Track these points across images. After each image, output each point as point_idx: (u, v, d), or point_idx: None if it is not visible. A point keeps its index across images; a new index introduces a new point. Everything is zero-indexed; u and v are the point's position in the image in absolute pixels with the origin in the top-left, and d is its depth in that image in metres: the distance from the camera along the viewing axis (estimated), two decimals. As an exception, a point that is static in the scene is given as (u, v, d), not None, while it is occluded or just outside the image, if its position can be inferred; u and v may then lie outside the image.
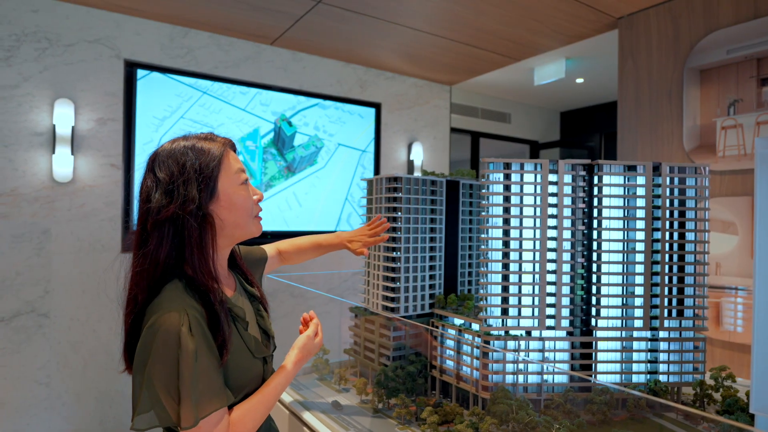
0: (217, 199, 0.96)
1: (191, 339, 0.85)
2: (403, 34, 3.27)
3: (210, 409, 0.85)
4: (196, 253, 0.92)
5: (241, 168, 1.02)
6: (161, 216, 0.90)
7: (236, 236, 1.02)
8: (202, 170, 0.94)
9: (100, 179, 2.93)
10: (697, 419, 1.49)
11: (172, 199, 0.91)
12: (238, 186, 0.99)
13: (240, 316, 1.00)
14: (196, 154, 0.95)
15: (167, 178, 0.93)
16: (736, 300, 2.30)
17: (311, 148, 3.74)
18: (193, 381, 0.83)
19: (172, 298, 0.89)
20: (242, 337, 0.99)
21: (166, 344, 0.84)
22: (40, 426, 2.77)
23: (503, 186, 1.59)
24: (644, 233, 1.60)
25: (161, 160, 0.95)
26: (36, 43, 2.74)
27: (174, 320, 0.85)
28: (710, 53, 2.44)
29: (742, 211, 2.29)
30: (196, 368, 0.84)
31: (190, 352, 0.84)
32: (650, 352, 1.62)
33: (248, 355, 0.99)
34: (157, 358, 0.84)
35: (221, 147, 0.99)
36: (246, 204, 1.00)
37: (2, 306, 2.68)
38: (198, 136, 1.01)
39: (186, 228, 0.91)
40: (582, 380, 1.55)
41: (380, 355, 1.89)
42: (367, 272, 2.00)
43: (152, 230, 0.91)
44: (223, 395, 0.89)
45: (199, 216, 0.93)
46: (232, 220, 0.98)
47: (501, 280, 1.58)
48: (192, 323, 0.87)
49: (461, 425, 1.43)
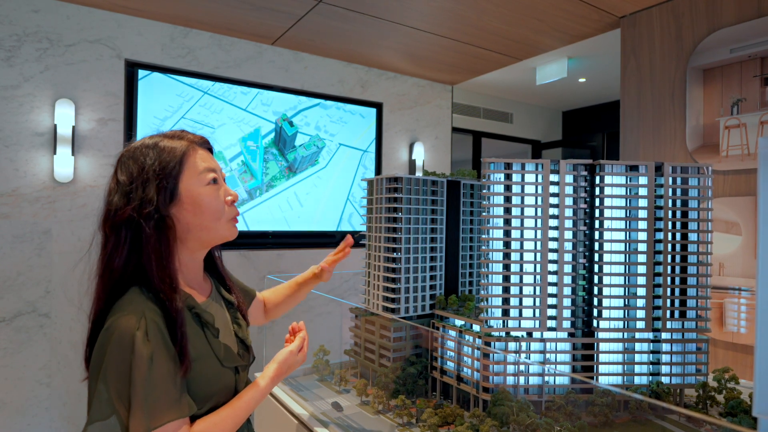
0: (179, 201, 0.92)
1: (146, 344, 0.81)
2: (404, 34, 3.26)
3: (164, 419, 0.80)
4: (153, 258, 0.87)
5: (210, 167, 0.96)
6: (117, 219, 0.87)
7: (205, 239, 0.97)
8: (161, 170, 0.90)
9: (101, 179, 2.93)
10: (700, 422, 1.48)
11: (128, 201, 0.88)
12: (204, 186, 0.94)
13: (209, 322, 0.95)
14: (157, 153, 0.91)
15: (127, 179, 0.89)
16: (740, 301, 2.29)
17: (312, 148, 3.74)
18: (146, 388, 0.79)
19: (131, 301, 0.86)
20: (210, 344, 0.93)
21: (120, 348, 0.80)
22: (41, 426, 2.77)
23: (504, 186, 1.58)
24: (646, 233, 1.59)
25: (124, 161, 0.92)
26: (37, 43, 2.74)
27: (130, 324, 0.82)
28: (713, 52, 2.42)
29: (745, 211, 2.28)
30: (151, 375, 0.80)
31: (144, 357, 0.80)
32: (652, 353, 1.61)
33: (216, 363, 0.93)
34: (110, 362, 0.80)
35: (186, 145, 0.94)
36: (213, 205, 0.94)
37: (3, 306, 2.68)
38: (165, 134, 0.97)
39: (143, 232, 0.87)
40: (583, 382, 1.54)
41: (381, 356, 1.88)
42: (368, 273, 1.99)
43: (110, 234, 0.88)
44: (181, 406, 0.83)
45: (155, 219, 0.88)
46: (197, 222, 0.93)
47: (502, 281, 1.57)
48: (149, 328, 0.82)
49: (462, 427, 1.42)
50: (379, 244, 1.89)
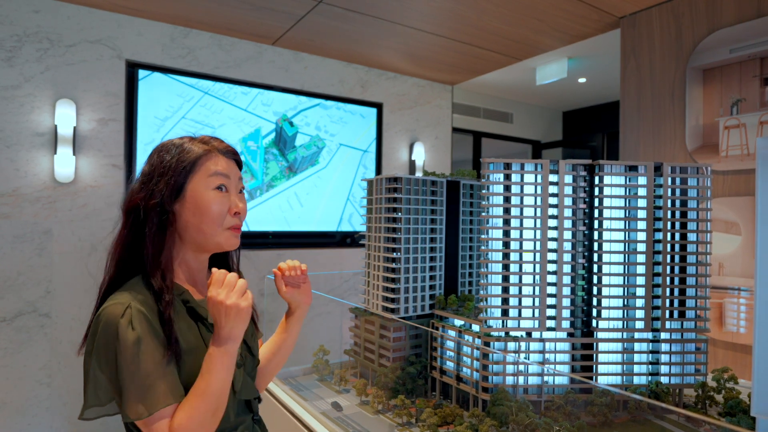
0: (183, 199, 0.95)
1: (130, 332, 0.83)
2: (404, 34, 3.26)
3: (157, 405, 0.82)
4: (150, 246, 0.92)
5: (222, 173, 0.98)
6: (129, 204, 0.94)
7: (200, 243, 0.97)
8: (175, 167, 0.94)
9: (102, 180, 2.93)
10: (699, 422, 1.48)
11: (141, 190, 0.94)
12: (209, 190, 0.96)
13: (204, 316, 0.97)
14: (178, 152, 0.96)
15: (148, 170, 0.96)
16: (739, 301, 2.29)
17: (313, 148, 3.74)
18: (133, 375, 0.82)
19: (124, 290, 0.90)
20: (203, 338, 0.95)
21: (106, 335, 0.84)
22: (41, 426, 2.78)
23: (503, 186, 1.58)
24: (646, 234, 1.59)
25: (154, 153, 0.98)
26: (38, 44, 2.74)
27: (116, 312, 0.85)
28: (713, 52, 2.42)
29: (744, 211, 2.28)
30: (137, 361, 0.82)
31: (129, 343, 0.83)
32: (652, 353, 1.61)
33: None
34: (100, 348, 0.85)
35: (206, 149, 0.98)
36: (214, 210, 0.95)
37: (4, 306, 2.68)
38: (195, 137, 1.01)
39: (147, 221, 0.92)
40: (582, 382, 1.54)
41: (380, 356, 1.88)
42: (368, 273, 2.00)
43: (124, 216, 0.95)
44: (173, 393, 0.84)
45: (158, 211, 0.92)
46: (195, 223, 0.95)
47: (501, 281, 1.58)
48: (134, 316, 0.85)
49: (461, 427, 1.43)
50: (379, 244, 1.89)
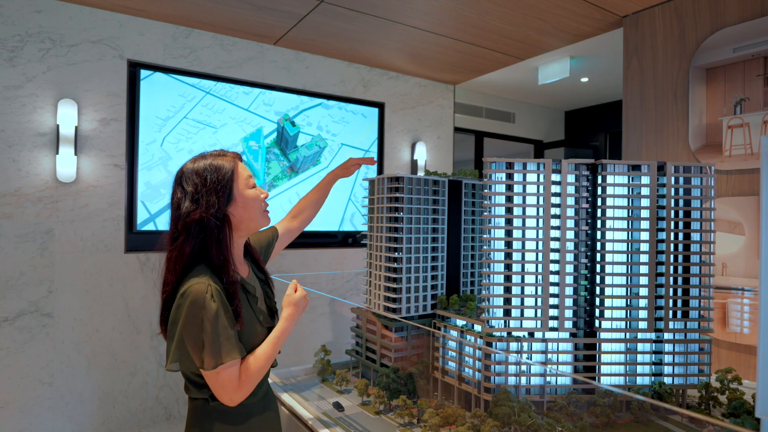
0: (234, 201, 1.23)
1: (213, 303, 1.11)
2: (406, 34, 3.26)
3: (227, 358, 1.10)
4: (215, 245, 1.18)
5: (249, 174, 1.30)
6: (189, 219, 1.17)
7: (252, 227, 1.29)
8: (220, 182, 1.21)
9: (104, 179, 2.93)
10: (702, 423, 1.47)
11: (198, 205, 1.18)
12: (249, 189, 1.27)
13: (251, 292, 1.27)
14: (215, 169, 1.22)
15: (193, 189, 1.19)
16: (743, 301, 2.28)
17: (314, 148, 3.74)
18: (213, 334, 1.09)
19: (200, 274, 1.16)
20: (252, 308, 1.26)
21: (194, 305, 1.10)
22: (43, 425, 2.78)
23: (506, 186, 1.57)
24: (649, 233, 1.58)
25: (187, 176, 1.21)
26: (39, 44, 2.75)
27: (201, 288, 1.12)
28: (716, 51, 2.41)
29: (748, 210, 2.27)
30: (217, 325, 1.10)
31: (212, 311, 1.10)
32: (655, 353, 1.60)
33: (257, 323, 1.25)
34: (187, 317, 1.10)
35: (232, 161, 1.26)
36: (256, 202, 1.27)
37: (6, 306, 2.69)
38: (213, 153, 1.26)
39: (208, 227, 1.17)
40: (585, 382, 1.54)
41: (382, 356, 1.88)
42: (369, 273, 1.99)
43: (182, 230, 1.17)
44: (238, 349, 1.13)
45: (219, 217, 1.19)
46: (247, 216, 1.25)
47: (503, 281, 1.57)
48: (214, 292, 1.13)
49: (463, 427, 1.42)
50: (381, 244, 1.89)
